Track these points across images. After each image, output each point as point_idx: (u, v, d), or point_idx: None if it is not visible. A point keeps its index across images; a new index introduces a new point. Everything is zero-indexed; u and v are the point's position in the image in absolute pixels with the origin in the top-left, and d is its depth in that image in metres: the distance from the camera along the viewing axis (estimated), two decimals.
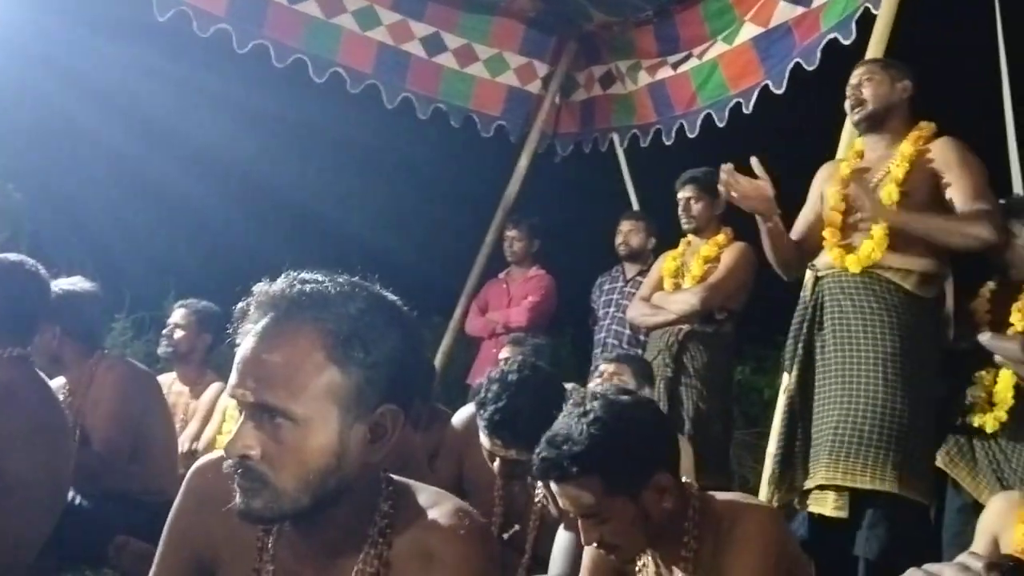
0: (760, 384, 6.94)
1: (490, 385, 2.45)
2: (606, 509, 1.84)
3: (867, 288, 3.06)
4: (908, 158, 3.11)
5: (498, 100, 5.54)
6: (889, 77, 3.20)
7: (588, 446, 1.82)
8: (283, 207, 7.83)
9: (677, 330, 3.96)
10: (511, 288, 5.19)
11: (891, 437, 2.91)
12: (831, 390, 3.04)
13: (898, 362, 2.96)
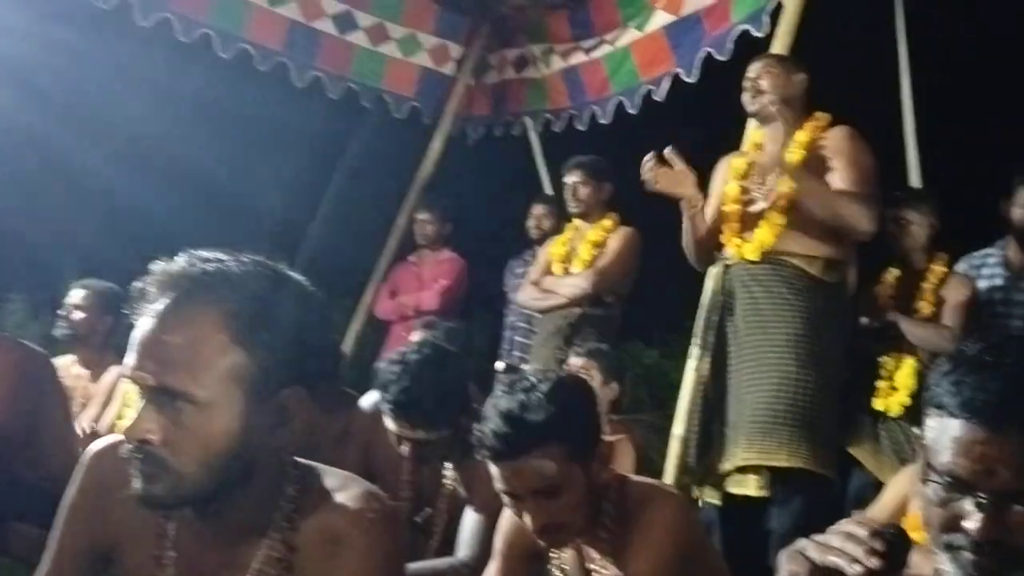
0: (668, 368, 7.07)
1: (391, 367, 2.43)
2: (565, 479, 1.82)
3: (775, 274, 3.18)
4: (803, 146, 3.24)
5: (411, 81, 5.49)
6: (785, 70, 3.32)
7: (549, 413, 1.81)
8: (193, 184, 7.61)
9: (568, 314, 4.05)
10: (422, 271, 5.17)
11: (803, 416, 3.04)
12: (747, 374, 3.15)
13: (808, 343, 3.09)
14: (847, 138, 3.24)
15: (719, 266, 3.36)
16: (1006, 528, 1.11)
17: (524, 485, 1.82)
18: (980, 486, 1.12)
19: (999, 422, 1.11)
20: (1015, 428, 1.10)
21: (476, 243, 5.46)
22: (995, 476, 1.11)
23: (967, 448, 1.12)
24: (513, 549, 2.10)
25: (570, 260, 4.23)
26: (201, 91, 6.94)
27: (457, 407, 2.48)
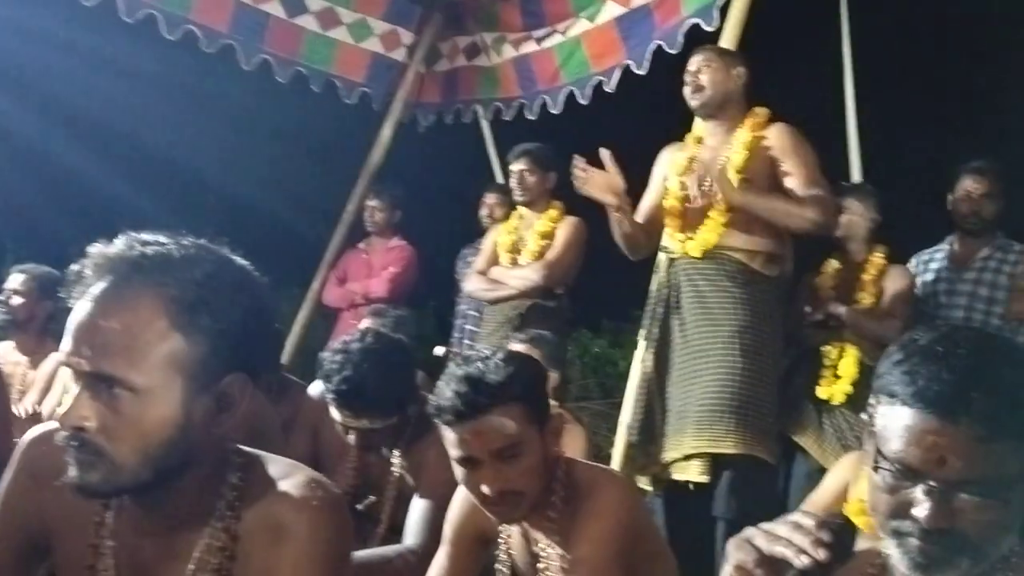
0: (616, 357, 7.14)
1: (334, 356, 2.42)
2: (525, 440, 1.84)
3: (719, 268, 3.24)
4: (746, 145, 3.28)
5: (361, 66, 5.43)
6: (725, 64, 3.35)
7: (509, 374, 1.85)
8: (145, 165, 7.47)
9: (518, 304, 4.06)
10: (371, 259, 5.13)
11: (748, 404, 3.11)
12: (693, 364, 3.21)
13: (751, 334, 3.16)
14: (791, 137, 3.28)
15: (664, 259, 3.39)
16: (954, 516, 1.13)
17: (485, 445, 1.83)
18: (930, 474, 1.13)
19: (951, 412, 1.12)
20: (967, 418, 1.11)
21: (427, 231, 5.43)
22: (946, 465, 1.12)
23: (919, 437, 1.14)
24: (463, 535, 2.10)
25: (517, 250, 4.23)
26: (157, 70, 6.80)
27: (403, 394, 2.48)
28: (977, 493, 1.12)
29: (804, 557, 1.07)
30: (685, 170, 3.39)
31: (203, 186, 7.55)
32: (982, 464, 1.12)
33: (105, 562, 1.32)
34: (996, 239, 3.82)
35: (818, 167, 3.28)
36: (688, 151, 3.44)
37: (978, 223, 3.79)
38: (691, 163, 3.39)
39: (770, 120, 3.34)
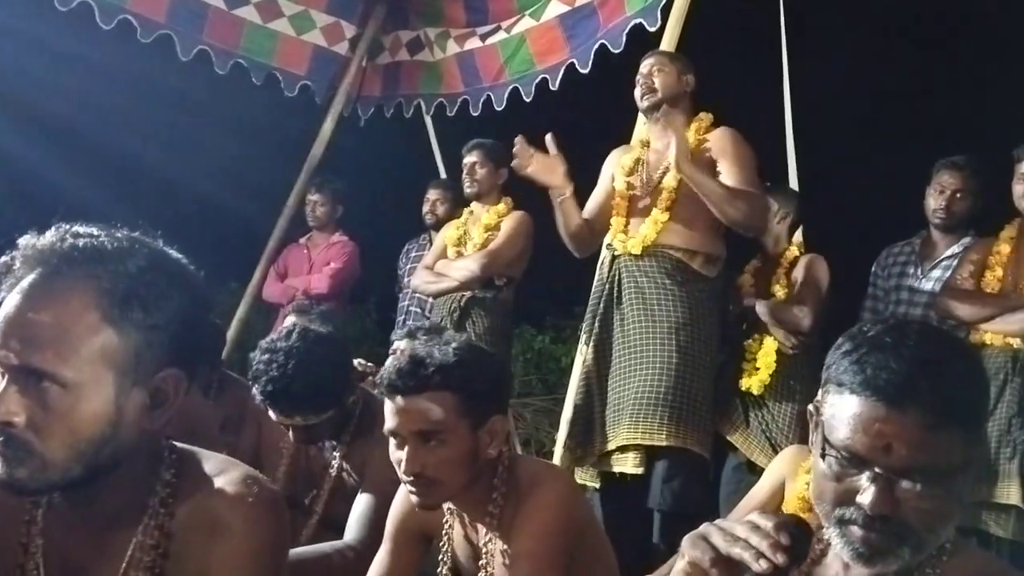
0: (558, 353, 7.18)
1: (261, 356, 2.41)
2: (449, 431, 1.86)
3: (659, 266, 3.31)
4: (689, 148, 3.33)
5: (303, 59, 5.38)
6: (676, 70, 3.42)
7: (454, 361, 1.86)
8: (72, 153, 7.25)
9: (460, 296, 4.09)
10: (312, 254, 5.09)
11: (683, 398, 3.17)
12: (631, 359, 3.27)
13: (688, 331, 3.23)
14: (731, 139, 3.37)
15: (607, 254, 3.44)
16: (897, 504, 1.15)
17: (408, 424, 1.86)
18: (876, 461, 1.15)
19: (899, 400, 1.14)
20: (914, 406, 1.14)
21: (370, 226, 5.40)
22: (891, 452, 1.14)
23: (866, 425, 1.15)
24: (404, 530, 2.10)
25: (464, 244, 4.26)
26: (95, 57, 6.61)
27: (335, 389, 2.46)
28: (921, 481, 1.14)
29: (763, 561, 1.08)
30: (631, 171, 3.47)
31: (141, 177, 7.37)
32: (927, 452, 1.14)
33: (35, 561, 1.29)
34: (967, 237, 3.77)
35: (755, 170, 3.37)
36: (634, 153, 3.52)
37: (949, 219, 3.76)
38: (637, 164, 3.47)
39: (715, 124, 3.43)
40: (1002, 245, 3.35)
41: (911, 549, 1.17)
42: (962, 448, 1.16)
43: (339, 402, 2.47)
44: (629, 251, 3.34)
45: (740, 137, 3.38)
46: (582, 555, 1.97)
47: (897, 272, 3.93)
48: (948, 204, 3.75)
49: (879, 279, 4.02)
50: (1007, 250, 3.32)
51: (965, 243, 3.71)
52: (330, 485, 2.59)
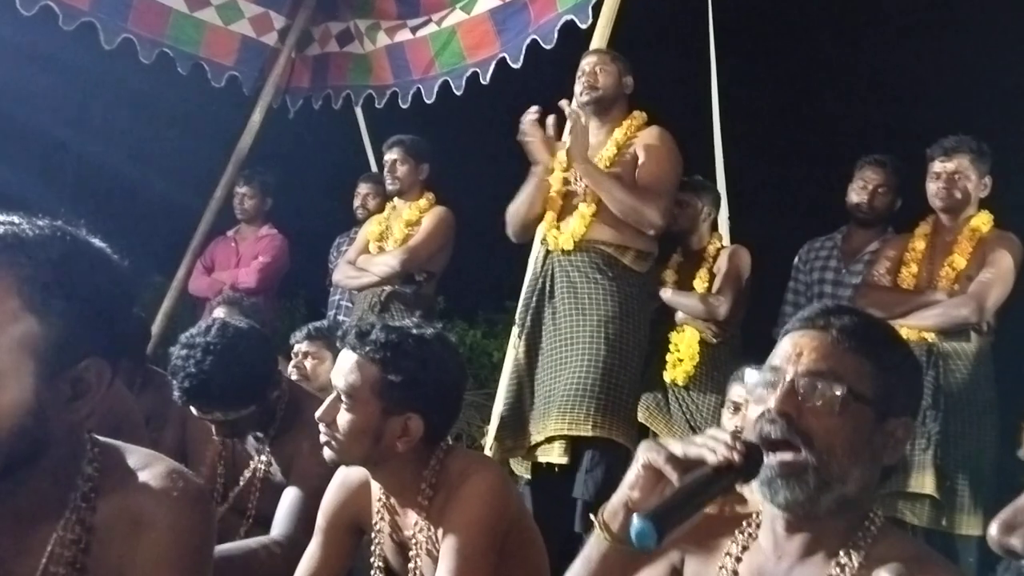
0: (490, 347, 7.18)
1: (179, 351, 2.38)
2: (359, 401, 1.90)
3: (591, 262, 3.37)
4: (617, 143, 3.44)
5: (231, 49, 5.29)
6: (618, 70, 3.49)
7: (396, 343, 1.91)
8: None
9: (380, 291, 4.11)
10: (240, 247, 5.03)
11: (610, 390, 3.22)
12: (562, 351, 3.32)
13: (618, 324, 3.29)
14: (658, 138, 3.46)
15: (541, 249, 3.47)
16: (800, 410, 1.26)
17: (336, 377, 1.94)
18: (788, 368, 1.29)
19: (817, 321, 1.32)
20: (829, 327, 1.30)
21: (299, 220, 5.34)
22: (802, 358, 1.29)
23: (788, 344, 1.32)
24: (335, 524, 2.10)
25: (385, 239, 4.28)
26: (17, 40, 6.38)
27: (255, 383, 2.44)
28: (825, 385, 1.26)
29: (720, 453, 1.18)
30: (566, 166, 3.49)
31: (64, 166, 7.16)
32: (834, 361, 1.28)
33: None
34: (886, 234, 3.90)
35: (672, 171, 3.46)
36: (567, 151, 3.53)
37: (870, 214, 3.89)
38: (571, 159, 3.49)
39: (647, 123, 3.51)
40: (917, 241, 3.46)
41: (816, 476, 1.24)
42: (868, 380, 1.27)
43: (260, 397, 2.45)
44: (561, 247, 3.37)
45: (668, 137, 3.45)
46: (513, 546, 1.99)
47: (819, 266, 4.04)
48: (870, 199, 3.88)
49: (800, 273, 4.13)
50: (922, 246, 3.44)
51: (887, 238, 3.83)
52: (256, 481, 2.55)
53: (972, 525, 3.18)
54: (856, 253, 3.95)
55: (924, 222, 3.51)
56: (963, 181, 3.36)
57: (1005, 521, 0.71)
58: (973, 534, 3.18)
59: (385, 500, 2.05)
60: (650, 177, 3.39)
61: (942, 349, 3.27)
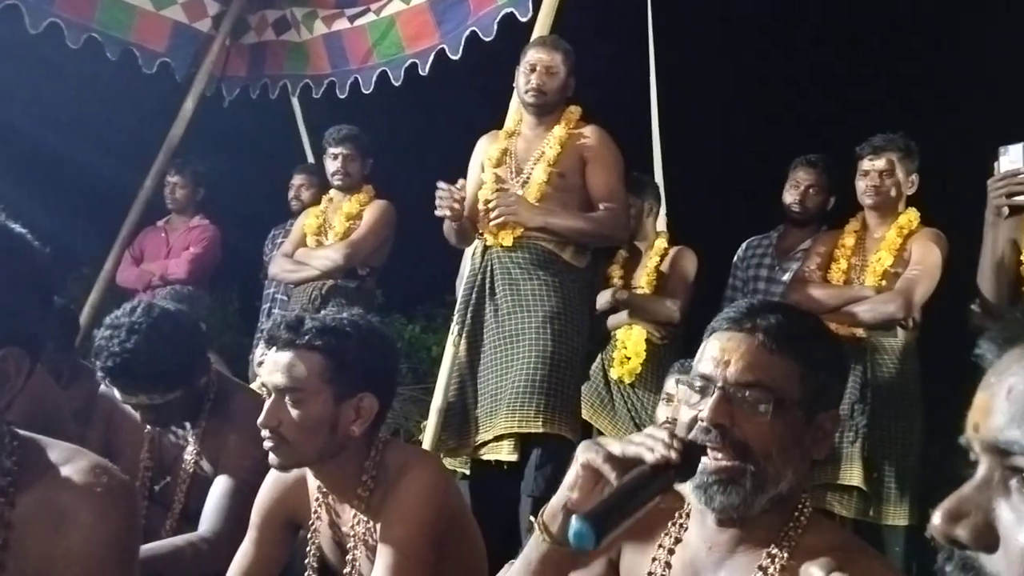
0: (429, 342, 7.16)
1: (103, 332, 2.32)
2: (310, 391, 1.88)
3: (532, 257, 3.33)
4: (560, 141, 3.39)
5: (162, 35, 5.16)
6: (567, 71, 3.44)
7: (332, 327, 1.89)
8: None
9: (321, 284, 4.06)
10: (171, 238, 4.94)
11: (558, 386, 3.22)
12: (507, 349, 3.27)
13: (561, 320, 3.26)
14: (602, 141, 3.43)
15: (479, 246, 3.43)
16: (732, 418, 1.26)
17: (274, 378, 1.89)
18: (718, 377, 1.28)
19: (742, 323, 1.31)
20: (754, 330, 1.30)
21: (232, 211, 5.25)
22: (729, 366, 1.28)
23: (715, 349, 1.31)
24: (271, 520, 2.07)
25: (324, 232, 4.22)
26: None
27: (181, 367, 2.38)
28: (756, 395, 1.26)
29: (658, 452, 1.17)
30: (499, 162, 3.47)
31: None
32: (761, 369, 1.28)
33: None
34: (820, 232, 3.95)
35: (621, 176, 3.46)
36: (501, 143, 3.52)
37: (803, 213, 3.99)
38: (504, 155, 3.48)
39: (583, 118, 3.48)
40: (847, 238, 3.54)
41: (752, 480, 1.26)
42: (796, 382, 1.28)
43: (187, 382, 2.40)
44: (501, 244, 3.34)
45: (610, 139, 3.45)
46: (451, 541, 1.98)
47: (755, 264, 4.13)
48: (802, 199, 3.98)
49: (738, 270, 4.21)
50: (851, 242, 3.52)
51: (820, 237, 3.87)
52: (184, 474, 2.49)
53: (898, 516, 3.26)
54: (790, 251, 4.04)
55: (854, 219, 3.59)
56: (891, 179, 3.44)
57: (949, 510, 0.70)
58: (899, 524, 3.26)
59: (323, 496, 2.03)
60: (605, 188, 3.38)
61: (870, 344, 3.34)
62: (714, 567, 1.33)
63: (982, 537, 0.70)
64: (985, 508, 0.70)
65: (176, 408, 2.40)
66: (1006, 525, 0.69)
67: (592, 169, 3.39)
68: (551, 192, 3.36)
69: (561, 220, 3.32)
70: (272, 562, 2.07)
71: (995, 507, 0.70)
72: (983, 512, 0.70)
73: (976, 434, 0.72)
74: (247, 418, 2.34)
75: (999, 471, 0.70)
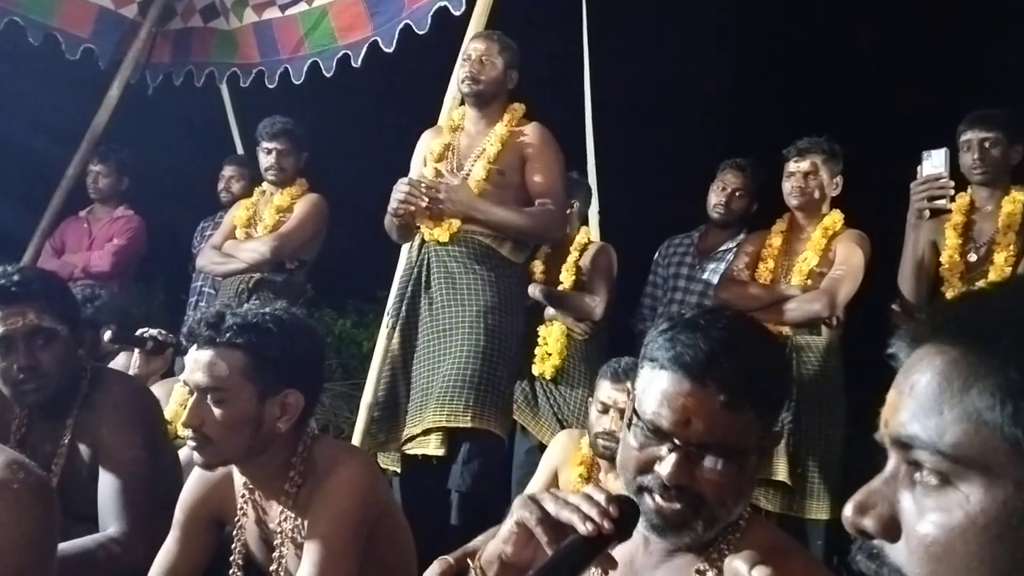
0: (360, 337, 7.09)
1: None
2: (233, 390, 1.85)
3: (469, 252, 3.31)
4: (501, 138, 3.39)
5: (87, 21, 5.03)
6: (504, 63, 3.43)
7: (252, 323, 1.86)
8: None
9: (248, 278, 4.01)
10: (93, 229, 4.83)
11: (489, 381, 3.22)
12: (440, 342, 3.26)
13: (497, 314, 3.26)
14: (544, 139, 3.43)
15: (416, 240, 3.41)
16: (693, 476, 1.24)
17: (196, 377, 1.86)
18: (677, 434, 1.23)
19: (701, 376, 1.23)
20: (713, 383, 1.23)
21: (160, 202, 5.13)
22: (690, 426, 1.23)
23: (671, 399, 1.24)
24: (195, 518, 2.04)
25: (253, 225, 4.16)
26: None
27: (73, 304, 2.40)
28: (717, 455, 1.23)
29: (590, 524, 1.11)
30: (440, 157, 3.46)
31: None
32: (723, 429, 1.24)
33: None
34: (741, 234, 4.05)
35: (561, 173, 3.47)
36: (444, 138, 3.50)
37: (727, 215, 4.07)
38: (446, 150, 3.46)
39: (526, 116, 3.47)
40: (774, 238, 3.62)
41: (704, 522, 1.26)
42: (757, 430, 1.26)
43: (73, 319, 2.35)
44: (438, 240, 3.32)
45: (551, 138, 3.45)
46: (379, 537, 1.97)
47: (676, 261, 4.22)
48: (728, 201, 4.08)
49: (659, 267, 4.30)
50: (778, 243, 3.60)
51: (740, 239, 4.00)
52: (55, 467, 2.35)
53: (820, 510, 3.35)
54: (710, 251, 4.13)
55: (781, 219, 3.66)
56: (815, 180, 3.53)
57: (859, 502, 0.74)
58: (821, 518, 3.35)
59: (249, 492, 2.00)
60: (543, 186, 3.38)
61: (796, 342, 3.42)
62: (652, 568, 1.34)
63: (887, 527, 0.73)
64: (891, 500, 0.73)
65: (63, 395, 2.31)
66: (907, 516, 0.72)
67: (532, 167, 3.40)
68: (490, 189, 3.35)
69: (498, 212, 3.31)
70: (196, 560, 2.03)
71: (900, 499, 0.73)
72: (888, 504, 0.73)
73: (885, 430, 0.75)
74: (117, 407, 2.31)
75: (904, 465, 0.73)
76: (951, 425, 0.69)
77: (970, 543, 0.68)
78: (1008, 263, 3.22)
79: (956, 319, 0.73)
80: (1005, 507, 0.67)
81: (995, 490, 0.67)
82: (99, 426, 2.29)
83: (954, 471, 0.69)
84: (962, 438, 0.68)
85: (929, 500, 0.70)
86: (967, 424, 0.68)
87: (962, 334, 0.71)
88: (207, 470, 1.97)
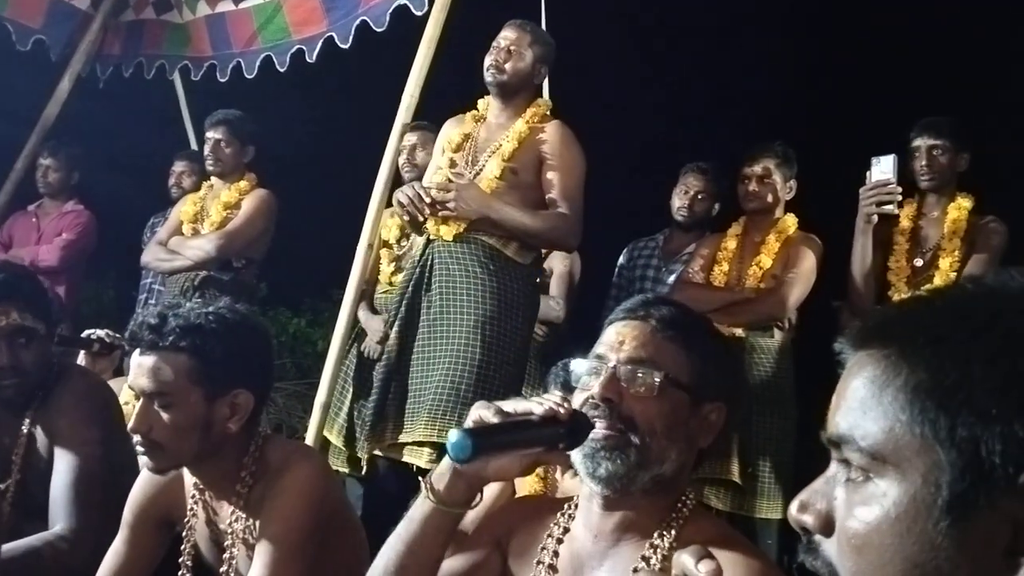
0: (315, 336, 7.04)
1: None
2: (179, 394, 1.81)
3: (472, 253, 3.18)
4: (519, 135, 3.24)
5: (38, 12, 4.94)
6: (534, 56, 3.31)
7: (195, 324, 1.82)
8: None
9: (194, 275, 3.93)
10: (42, 223, 4.74)
11: (482, 396, 3.06)
12: (435, 349, 3.14)
13: (494, 326, 3.12)
14: (564, 139, 3.27)
15: (423, 239, 3.30)
16: (621, 395, 1.34)
17: (141, 382, 1.82)
18: (610, 356, 1.37)
19: (638, 312, 1.41)
20: (648, 317, 1.40)
21: (111, 196, 5.04)
22: (623, 347, 1.37)
23: (611, 334, 1.41)
24: (144, 519, 2.00)
25: (200, 221, 4.07)
26: None
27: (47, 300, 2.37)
28: (644, 373, 1.34)
29: (547, 406, 1.26)
30: (459, 147, 3.34)
31: None
32: (651, 348, 1.37)
33: None
34: (704, 236, 4.01)
35: (579, 180, 3.28)
36: (465, 127, 3.38)
37: (690, 218, 4.10)
38: (465, 140, 3.34)
39: (552, 114, 3.35)
40: (729, 241, 3.66)
41: (637, 451, 1.32)
42: (684, 366, 1.37)
43: (49, 321, 2.34)
44: (443, 237, 3.19)
45: (573, 139, 3.29)
46: (332, 537, 1.95)
47: (641, 264, 4.24)
48: (691, 204, 4.12)
49: (624, 270, 4.31)
50: (733, 246, 3.64)
51: (704, 241, 3.97)
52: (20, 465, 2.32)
53: (771, 509, 3.39)
54: (675, 254, 4.16)
55: (736, 223, 3.71)
56: (769, 184, 3.58)
57: (801, 500, 0.80)
58: (772, 517, 3.39)
59: (199, 493, 1.97)
60: (559, 190, 3.20)
61: (749, 343, 3.46)
62: (600, 557, 1.38)
63: (824, 523, 0.78)
64: (828, 497, 0.78)
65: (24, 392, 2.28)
66: (839, 511, 0.76)
67: (548, 168, 3.23)
68: (502, 187, 3.20)
69: (512, 213, 3.16)
70: (145, 562, 2.00)
71: (836, 496, 0.77)
72: (827, 501, 0.78)
73: (826, 431, 0.79)
74: (77, 400, 2.28)
75: (838, 463, 0.78)
76: (871, 424, 0.74)
77: (884, 535, 0.72)
78: (953, 268, 3.30)
79: (886, 325, 0.78)
80: (914, 500, 0.71)
81: (905, 484, 0.71)
82: (57, 418, 2.25)
83: (873, 467, 0.73)
84: (879, 436, 0.73)
85: (856, 496, 0.75)
86: (884, 422, 0.73)
87: (890, 339, 0.75)
88: (158, 475, 1.93)
